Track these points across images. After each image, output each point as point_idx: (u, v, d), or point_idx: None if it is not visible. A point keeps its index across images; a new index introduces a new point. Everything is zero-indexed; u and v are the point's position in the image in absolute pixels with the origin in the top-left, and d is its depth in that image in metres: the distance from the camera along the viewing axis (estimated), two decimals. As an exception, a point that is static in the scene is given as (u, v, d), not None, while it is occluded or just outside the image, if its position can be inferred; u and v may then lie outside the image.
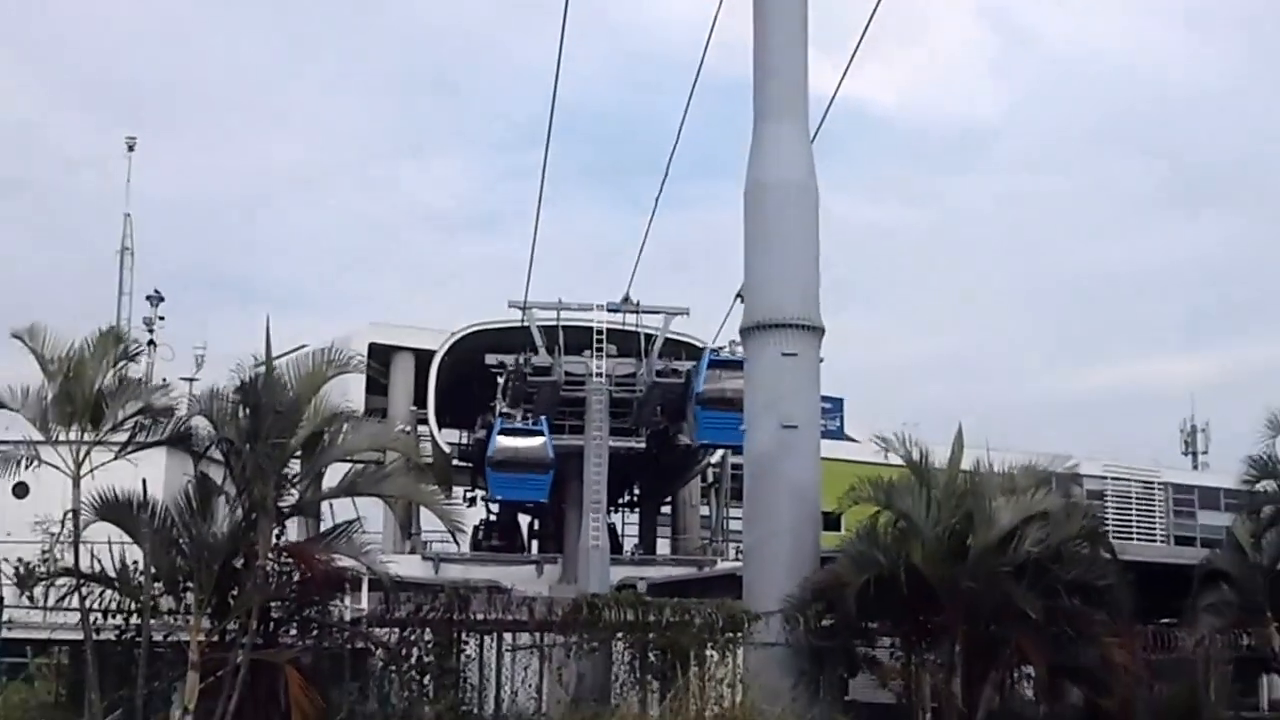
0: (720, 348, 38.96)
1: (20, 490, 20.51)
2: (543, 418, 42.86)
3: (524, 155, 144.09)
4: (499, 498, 46.52)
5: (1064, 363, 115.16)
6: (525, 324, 42.36)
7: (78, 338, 19.34)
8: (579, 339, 42.36)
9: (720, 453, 47.08)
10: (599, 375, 41.88)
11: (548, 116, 31.83)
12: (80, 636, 18.74)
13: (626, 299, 42.70)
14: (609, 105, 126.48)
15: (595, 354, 41.97)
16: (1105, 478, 57.25)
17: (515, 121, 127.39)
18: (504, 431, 42.85)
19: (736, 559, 33.80)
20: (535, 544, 49.89)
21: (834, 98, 28.77)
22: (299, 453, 19.57)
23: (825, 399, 34.79)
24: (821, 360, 25.55)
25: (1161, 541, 56.52)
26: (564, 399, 42.84)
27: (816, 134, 26.42)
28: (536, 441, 42.41)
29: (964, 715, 21.02)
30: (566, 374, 42.06)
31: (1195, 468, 65.08)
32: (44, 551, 19.39)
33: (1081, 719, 21.91)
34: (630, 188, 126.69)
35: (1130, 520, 58.12)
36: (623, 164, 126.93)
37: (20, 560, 19.59)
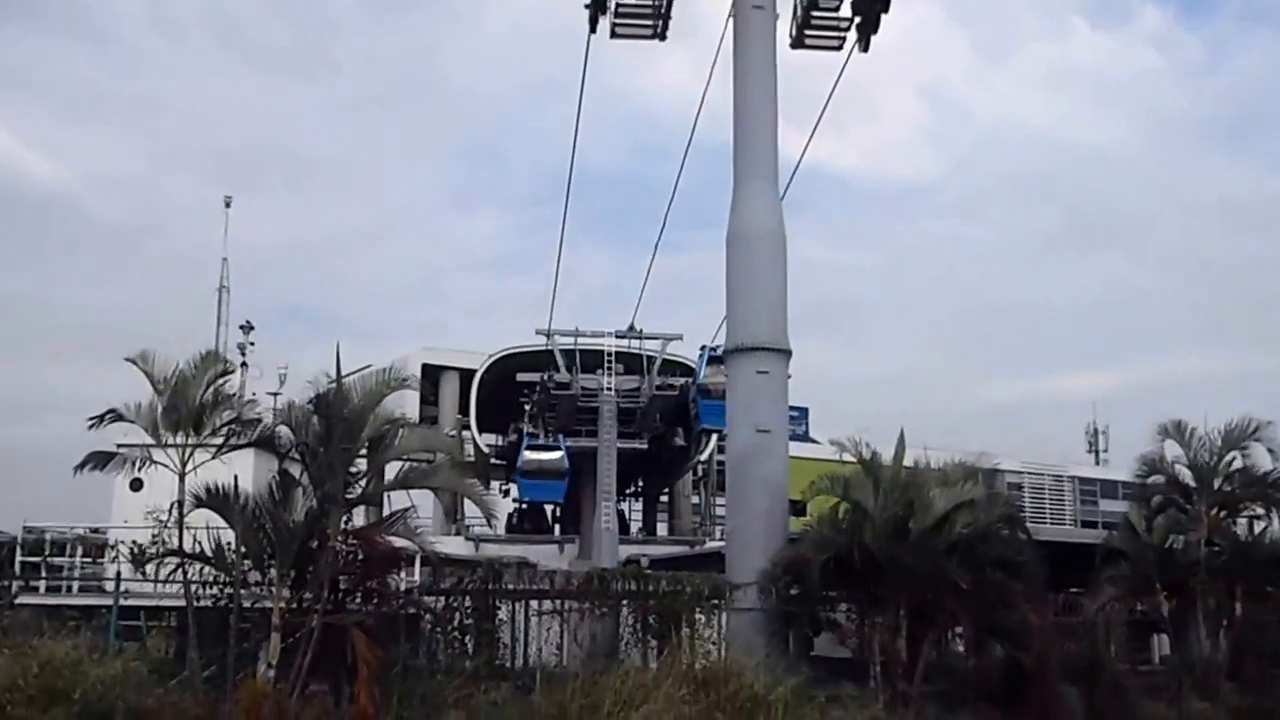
0: (717, 346, 38.84)
1: (136, 485, 20.44)
2: (560, 436, 43.65)
3: (548, 208, 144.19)
4: (526, 499, 47.20)
5: (989, 377, 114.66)
6: (549, 348, 42.58)
7: (183, 359, 19.35)
8: (593, 360, 42.45)
9: (708, 451, 46.97)
10: (609, 390, 42.02)
11: (567, 174, 32.14)
12: (183, 604, 18.72)
13: (631, 327, 42.89)
14: (618, 165, 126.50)
15: (606, 372, 42.09)
16: (1023, 472, 56.99)
17: (542, 180, 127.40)
18: (530, 447, 43.83)
19: (721, 540, 33.67)
20: (558, 527, 49.69)
21: (800, 161, 29.02)
22: (363, 453, 19.47)
23: (793, 408, 34.73)
24: (790, 376, 25.61)
25: (1070, 525, 56.26)
26: (580, 409, 43.00)
27: (786, 191, 26.59)
28: (556, 455, 43.29)
29: (907, 667, 20.93)
30: (582, 389, 42.25)
31: (1098, 463, 64.76)
32: (154, 535, 19.32)
33: (1004, 670, 21.75)
34: (635, 234, 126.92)
35: (1044, 507, 57.85)
36: (629, 214, 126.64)
37: (135, 543, 19.56)
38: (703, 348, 41.38)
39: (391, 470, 21.12)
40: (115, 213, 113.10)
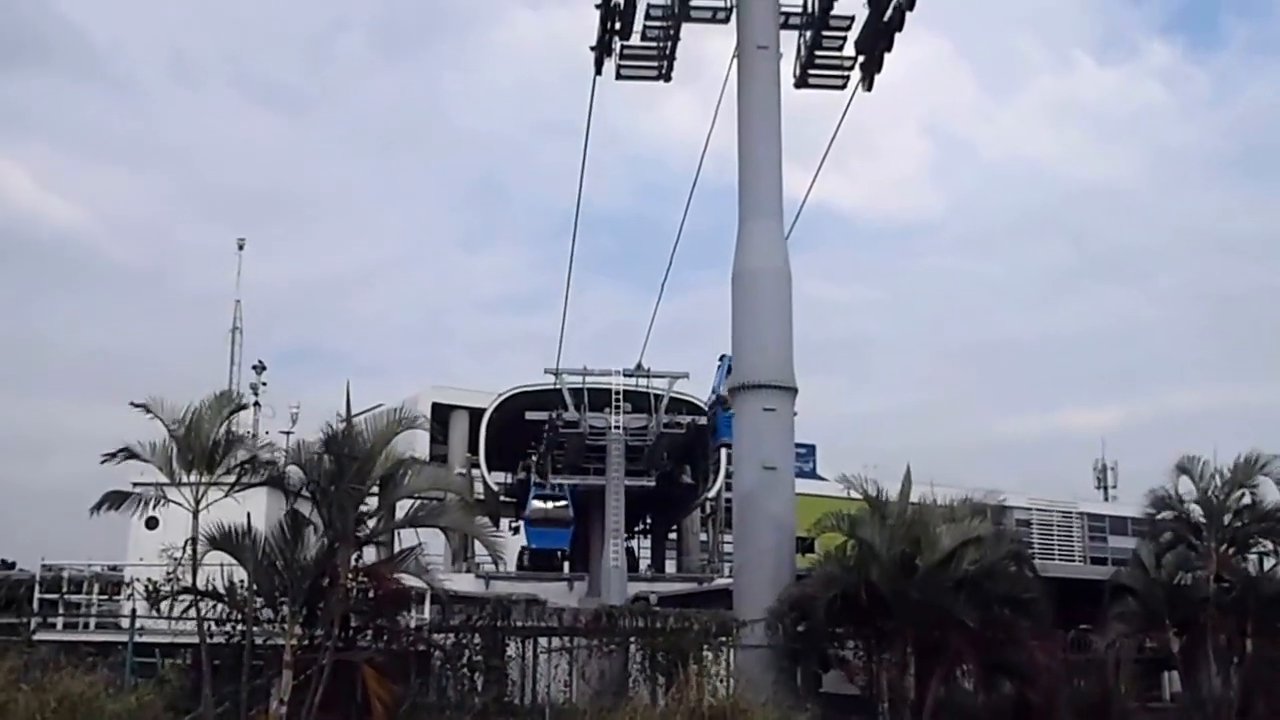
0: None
1: (151, 523, 20.51)
2: (566, 486, 45.09)
3: (555, 247, 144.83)
4: (534, 545, 47.97)
5: (996, 413, 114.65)
6: (557, 387, 42.85)
7: (196, 399, 19.49)
8: (600, 399, 42.71)
9: (716, 488, 47.08)
10: (617, 428, 42.26)
11: (574, 215, 32.39)
12: (197, 641, 18.81)
13: (639, 366, 43.20)
14: (625, 205, 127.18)
15: (613, 411, 42.28)
16: (1031, 508, 57.03)
17: (548, 219, 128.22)
18: (537, 496, 45.89)
19: (729, 576, 33.68)
20: (567, 565, 49.79)
21: (805, 199, 29.26)
22: (373, 492, 19.55)
23: (800, 445, 34.79)
24: (795, 414, 25.68)
25: (1079, 561, 56.11)
26: (589, 447, 43.20)
27: (791, 229, 26.71)
28: (560, 504, 45.38)
29: (915, 704, 20.92)
30: (590, 427, 42.54)
31: (1106, 499, 64.67)
32: (169, 573, 19.42)
33: (1012, 708, 21.71)
34: (642, 273, 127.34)
35: (1052, 543, 57.79)
36: (636, 254, 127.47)
37: (150, 580, 19.68)
38: (722, 357, 41.46)
39: (402, 508, 21.20)
40: (129, 254, 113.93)
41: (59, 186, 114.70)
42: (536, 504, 46.25)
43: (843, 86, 28.06)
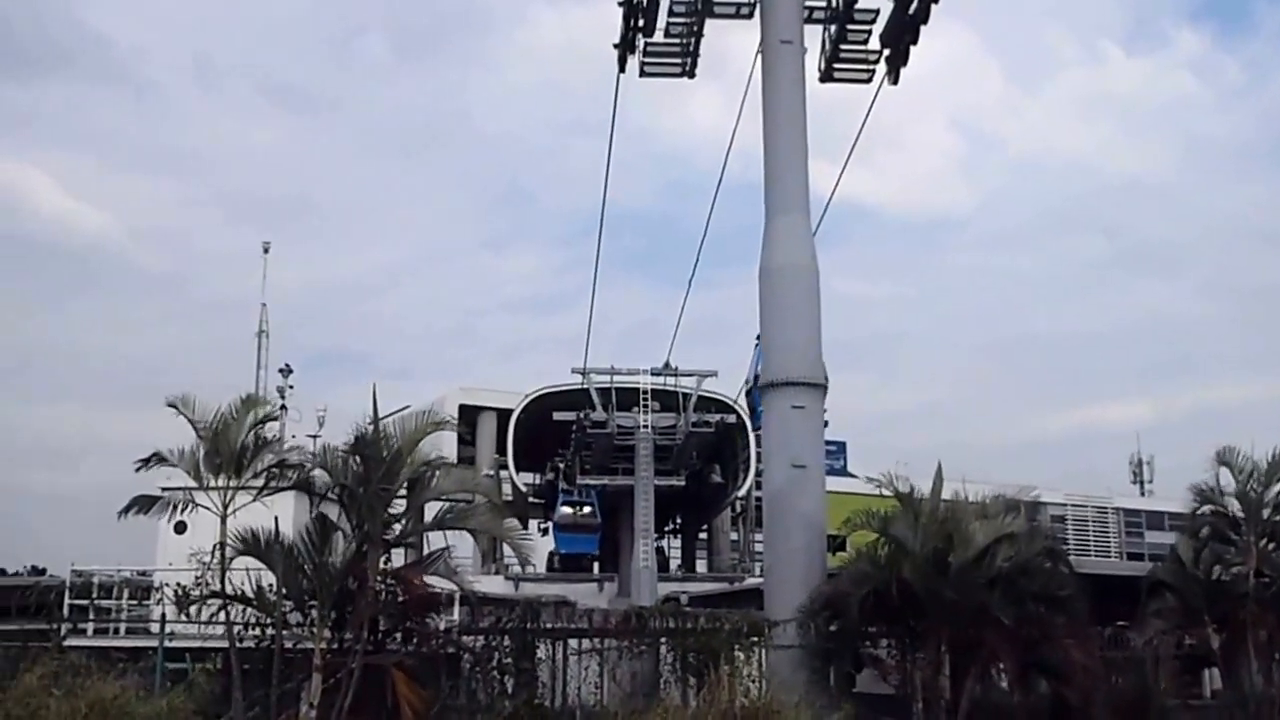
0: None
1: (180, 528, 20.60)
2: (593, 492, 45.62)
3: (581, 247, 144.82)
4: (562, 551, 48.04)
5: (1029, 408, 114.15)
6: (584, 386, 42.85)
7: (223, 404, 19.60)
8: (628, 398, 42.62)
9: (746, 487, 46.99)
10: (645, 428, 42.18)
11: (599, 214, 32.40)
12: (226, 646, 18.88)
13: (667, 364, 43.12)
14: (650, 203, 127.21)
15: (642, 410, 42.23)
16: (1066, 504, 56.70)
17: (573, 219, 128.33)
18: (565, 503, 46.51)
19: (760, 576, 33.59)
20: (596, 565, 49.79)
21: (832, 195, 29.22)
22: (401, 494, 19.61)
23: (830, 443, 34.78)
24: (825, 411, 25.57)
25: (1115, 557, 55.75)
26: (617, 447, 43.16)
27: (818, 225, 26.64)
28: (587, 510, 46.07)
29: (949, 704, 20.81)
30: (618, 427, 42.47)
31: (1143, 494, 64.21)
32: (198, 577, 19.51)
33: (1049, 707, 21.55)
34: (668, 271, 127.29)
35: (1088, 539, 57.45)
36: (662, 252, 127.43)
37: (179, 585, 19.78)
38: (759, 337, 41.37)
39: (430, 511, 21.23)
40: (155, 260, 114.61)
41: (86, 193, 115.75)
42: (564, 510, 46.70)
43: (868, 80, 27.96)
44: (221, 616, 18.98)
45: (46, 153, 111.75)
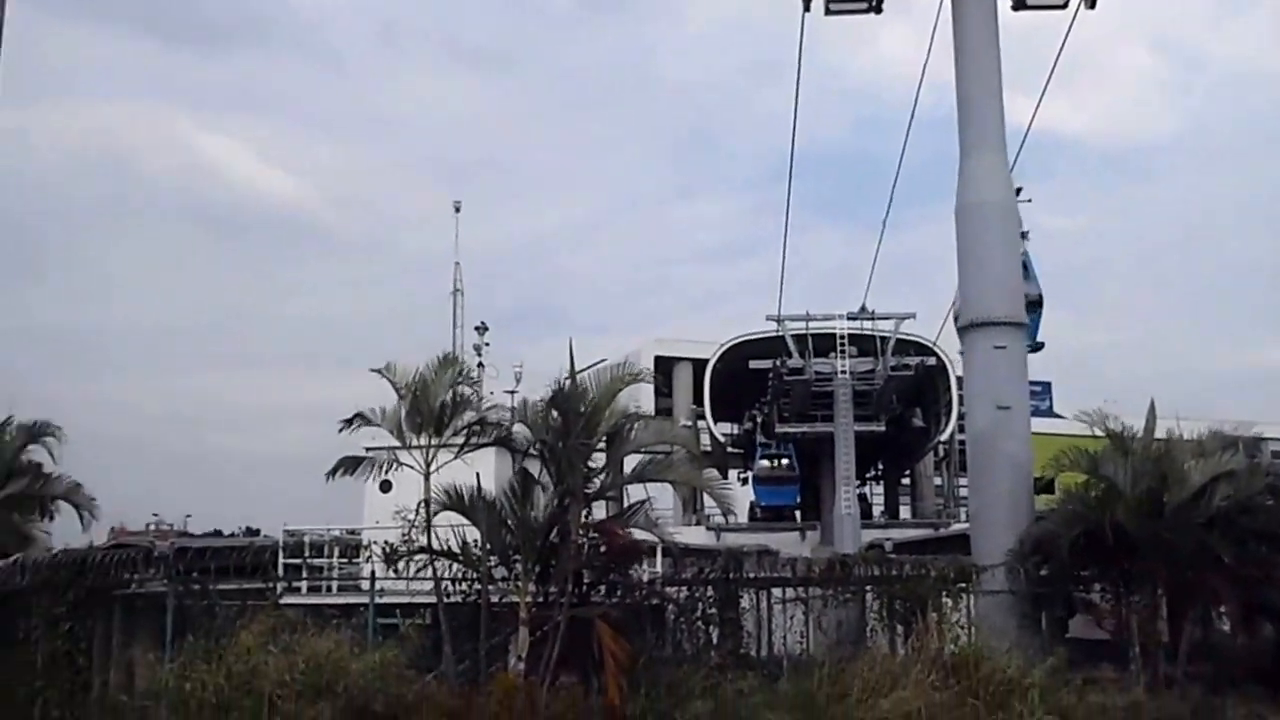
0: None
1: (385, 487, 21.22)
2: (791, 445, 45.90)
3: (771, 192, 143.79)
4: (762, 503, 48.14)
5: (1245, 340, 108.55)
6: (780, 334, 42.67)
7: (421, 364, 20.11)
8: (825, 344, 42.33)
9: (949, 431, 46.23)
10: (843, 373, 41.86)
11: (789, 157, 32.15)
12: (434, 601, 19.52)
13: (863, 308, 42.69)
14: (842, 143, 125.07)
15: (839, 355, 41.92)
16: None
17: (762, 164, 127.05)
18: (763, 456, 46.85)
19: (966, 521, 33.09)
20: (798, 514, 49.72)
21: (1029, 127, 28.28)
22: (600, 448, 19.89)
23: (1034, 383, 33.95)
24: (1029, 350, 24.94)
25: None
26: (815, 394, 42.95)
27: (1016, 159, 25.89)
28: (785, 463, 46.36)
29: (1168, 648, 20.22)
30: (816, 373, 42.24)
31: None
32: (404, 535, 20.09)
33: (1273, 650, 20.75)
34: (862, 212, 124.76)
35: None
36: (855, 193, 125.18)
37: (387, 542, 20.44)
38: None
39: (629, 464, 21.48)
40: (348, 223, 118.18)
41: (281, 161, 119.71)
42: (763, 464, 46.93)
43: (1064, 5, 26.90)
44: (428, 572, 19.58)
45: (243, 122, 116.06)
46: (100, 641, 22.14)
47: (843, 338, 42.23)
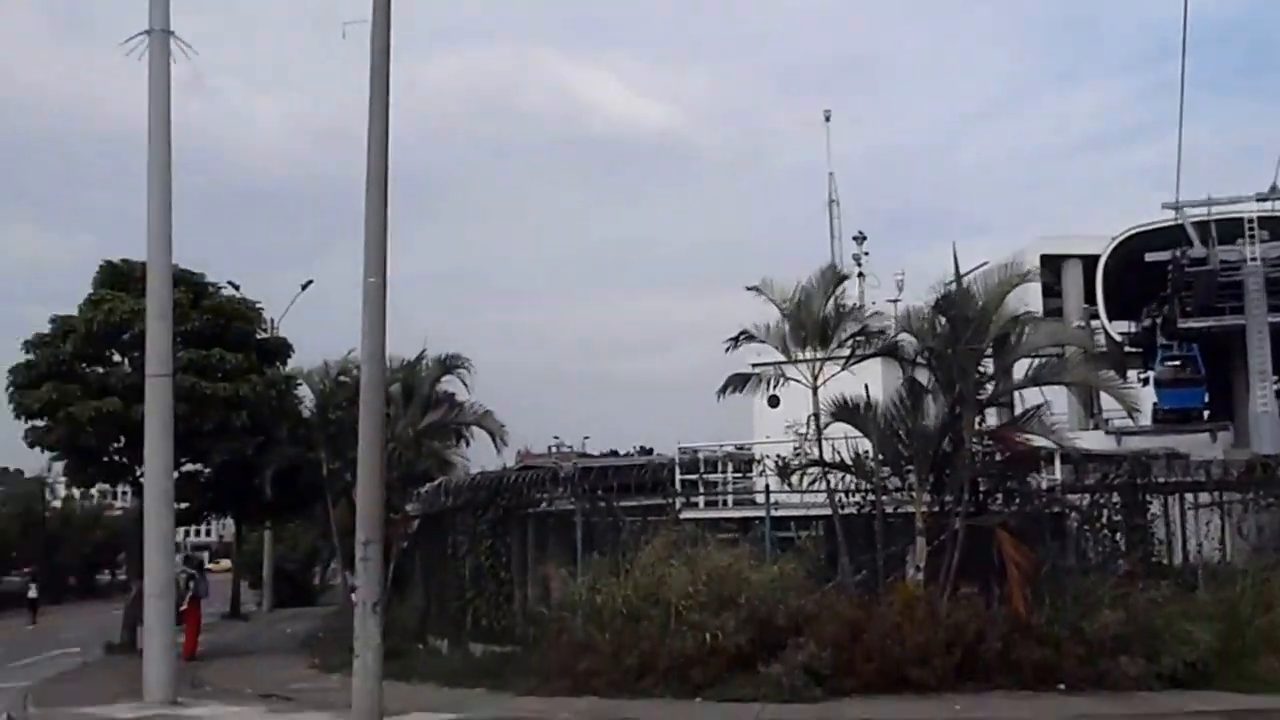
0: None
1: (773, 402, 21.57)
2: (1194, 345, 43.03)
3: (1160, 71, 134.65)
4: (1166, 407, 45.35)
5: None
6: (1179, 222, 40.23)
7: (801, 278, 20.21)
8: (1230, 230, 39.50)
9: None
10: (1253, 260, 38.99)
11: (1180, 28, 29.99)
12: (829, 513, 19.65)
13: (1274, 187, 39.47)
14: (1237, 8, 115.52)
15: (1248, 241, 39.04)
16: None
17: (1147, 39, 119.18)
18: (1164, 359, 44.07)
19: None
20: (1207, 414, 46.94)
21: None
22: (989, 353, 19.54)
23: None
24: None
25: None
26: (1221, 285, 40.25)
27: None
28: (1188, 366, 43.41)
29: None
30: (1222, 262, 39.50)
31: None
32: (796, 448, 20.39)
33: None
34: (1266, 85, 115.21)
35: None
36: (1258, 63, 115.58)
37: (779, 456, 20.78)
38: None
39: (1019, 369, 20.89)
40: (720, 144, 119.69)
41: (649, 91, 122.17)
42: (1164, 367, 44.30)
43: None
44: (821, 485, 19.76)
45: (609, 56, 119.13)
46: (517, 556, 23.77)
47: (1251, 221, 39.24)
